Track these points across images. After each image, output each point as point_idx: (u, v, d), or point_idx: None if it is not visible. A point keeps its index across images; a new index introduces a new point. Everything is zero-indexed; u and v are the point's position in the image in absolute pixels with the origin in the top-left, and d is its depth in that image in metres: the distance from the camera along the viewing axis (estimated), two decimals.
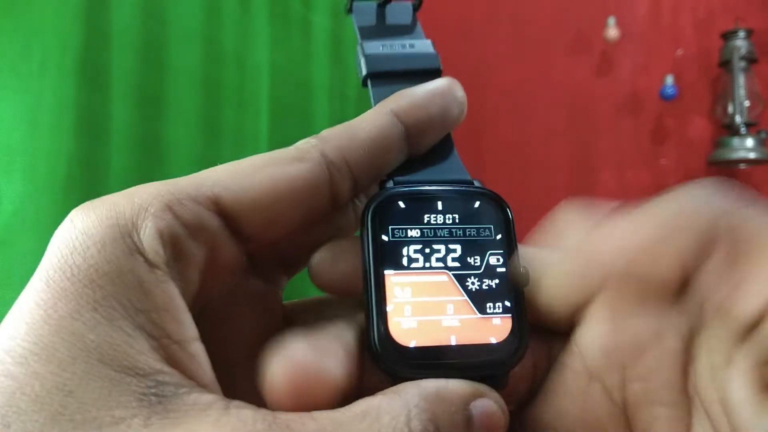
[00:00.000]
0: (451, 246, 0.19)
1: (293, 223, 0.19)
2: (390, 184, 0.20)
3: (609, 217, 0.18)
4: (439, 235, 0.19)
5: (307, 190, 0.18)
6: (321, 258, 0.19)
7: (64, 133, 0.74)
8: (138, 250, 0.16)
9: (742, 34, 1.18)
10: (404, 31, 0.25)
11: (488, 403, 0.17)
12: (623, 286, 0.18)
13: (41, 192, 0.72)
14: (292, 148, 0.19)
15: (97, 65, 0.79)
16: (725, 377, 0.16)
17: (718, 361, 0.16)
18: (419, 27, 0.25)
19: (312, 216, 0.19)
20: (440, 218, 0.19)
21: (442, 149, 0.21)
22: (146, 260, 0.16)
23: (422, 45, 0.24)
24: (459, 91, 0.21)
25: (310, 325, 0.17)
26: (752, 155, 1.15)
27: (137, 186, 0.17)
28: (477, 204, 0.20)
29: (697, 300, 0.17)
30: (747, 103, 1.17)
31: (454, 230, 0.19)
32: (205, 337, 0.18)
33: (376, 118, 0.19)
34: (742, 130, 1.16)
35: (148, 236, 0.16)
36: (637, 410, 0.18)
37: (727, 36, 1.19)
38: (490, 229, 0.19)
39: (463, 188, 0.20)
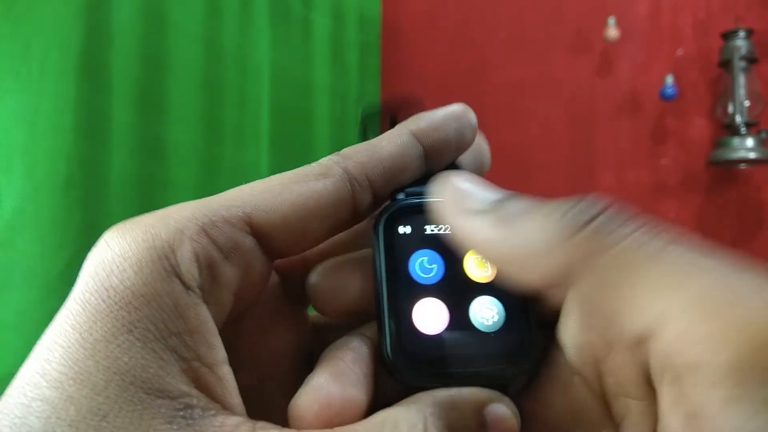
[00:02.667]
0: (462, 257, 0.19)
1: (319, 237, 0.19)
2: (401, 195, 0.20)
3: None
4: (450, 244, 0.19)
5: (332, 205, 0.19)
6: (322, 287, 0.20)
7: (64, 133, 0.74)
8: (174, 273, 0.16)
9: (742, 34, 1.18)
10: None
11: (501, 408, 0.18)
12: (590, 281, 0.19)
13: (41, 192, 0.72)
14: (315, 164, 0.20)
15: (98, 65, 0.79)
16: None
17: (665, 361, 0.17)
18: None
19: (336, 229, 0.20)
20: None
21: (450, 168, 0.22)
22: (182, 283, 0.16)
23: None
24: (472, 116, 0.22)
25: (330, 351, 0.18)
26: (752, 155, 1.14)
27: (170, 207, 0.18)
28: None
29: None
30: (747, 103, 1.17)
31: None
32: (239, 355, 0.19)
33: (397, 138, 0.20)
34: (743, 130, 1.16)
35: (184, 259, 0.16)
36: (612, 402, 0.18)
37: (728, 36, 1.19)
38: None
39: None
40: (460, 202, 0.19)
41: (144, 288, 0.16)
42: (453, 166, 0.22)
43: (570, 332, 0.19)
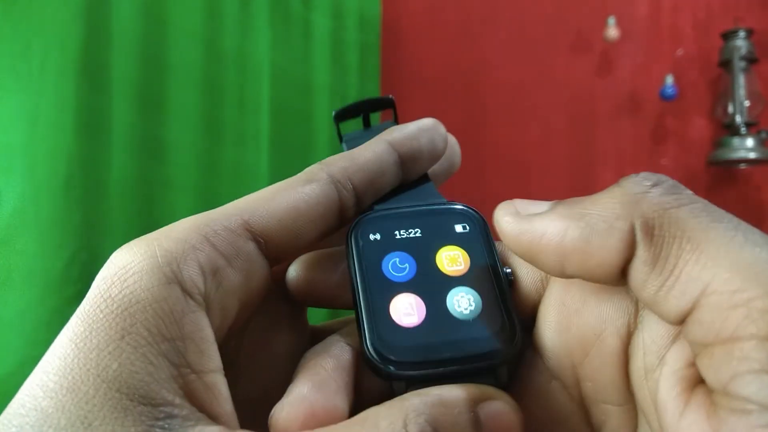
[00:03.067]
0: (434, 254, 0.20)
1: (312, 238, 0.21)
2: (373, 212, 0.22)
3: (544, 212, 0.18)
4: (421, 247, 0.21)
5: (321, 206, 0.20)
6: (297, 272, 0.21)
7: (64, 133, 0.74)
8: (176, 280, 0.17)
9: (742, 34, 1.18)
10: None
11: (497, 404, 0.17)
12: (564, 283, 0.19)
13: (41, 191, 0.72)
14: (302, 173, 0.21)
15: (98, 65, 0.79)
16: (657, 377, 0.17)
17: (651, 362, 0.17)
18: None
19: (326, 231, 0.21)
20: (420, 232, 0.21)
21: (418, 183, 0.24)
22: (183, 289, 0.17)
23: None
24: (442, 128, 0.24)
25: (310, 358, 0.19)
26: (752, 155, 1.14)
27: (173, 223, 0.19)
28: (452, 216, 0.22)
29: (632, 297, 0.18)
30: (747, 103, 1.16)
31: (434, 241, 0.21)
32: (243, 361, 0.20)
33: (374, 147, 0.22)
34: (743, 130, 1.16)
35: (187, 266, 0.17)
36: (591, 408, 0.18)
37: (727, 36, 1.19)
38: (469, 235, 0.21)
39: (438, 206, 0.22)
40: (522, 211, 0.19)
41: (142, 294, 0.16)
42: (425, 175, 0.24)
43: (548, 335, 0.19)
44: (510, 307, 0.19)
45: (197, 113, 0.93)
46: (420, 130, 0.23)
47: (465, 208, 0.22)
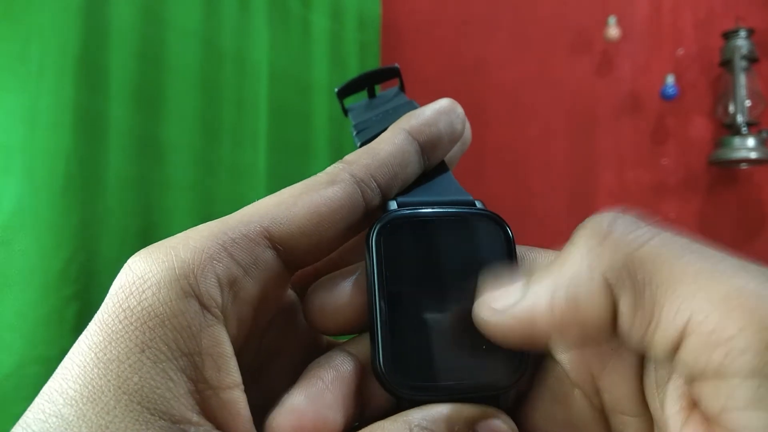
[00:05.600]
0: (455, 269, 0.19)
1: (336, 242, 0.20)
2: (393, 205, 0.21)
3: (521, 295, 0.18)
4: (442, 258, 0.19)
5: (345, 209, 0.19)
6: (315, 304, 0.20)
7: (63, 133, 0.74)
8: (193, 293, 0.17)
9: (743, 33, 1.17)
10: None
11: (496, 423, 0.18)
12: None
13: (40, 191, 0.72)
14: (322, 173, 0.20)
15: (96, 65, 0.79)
16: (664, 392, 0.17)
17: (662, 375, 0.17)
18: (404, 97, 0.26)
19: (351, 233, 0.20)
20: (443, 241, 0.20)
21: (436, 169, 0.22)
22: (200, 303, 0.17)
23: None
24: (459, 108, 0.23)
25: (311, 369, 0.19)
26: (753, 155, 1.14)
27: (192, 229, 0.18)
28: (478, 226, 0.20)
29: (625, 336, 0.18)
30: (748, 103, 1.16)
31: (457, 253, 0.20)
32: (259, 373, 0.20)
33: (393, 138, 0.21)
34: (744, 129, 1.15)
35: (204, 279, 0.17)
36: (610, 417, 0.19)
37: (728, 35, 1.19)
38: (491, 250, 0.20)
39: (465, 210, 0.20)
40: (499, 304, 0.18)
41: (161, 308, 0.16)
42: (442, 162, 0.22)
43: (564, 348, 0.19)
44: None
45: (195, 113, 0.93)
46: (438, 114, 0.22)
47: (491, 216, 0.20)
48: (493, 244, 0.20)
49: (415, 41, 1.46)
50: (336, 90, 0.25)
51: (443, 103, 0.22)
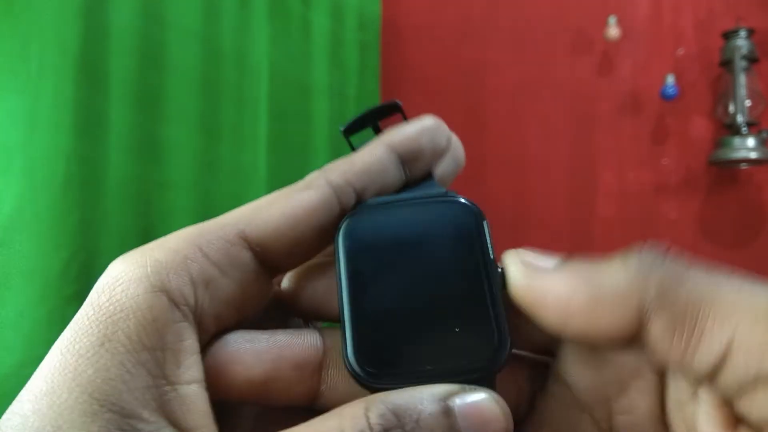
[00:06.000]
0: (424, 254, 0.19)
1: (314, 246, 0.20)
2: (362, 208, 0.21)
3: (552, 269, 0.18)
4: (411, 244, 0.19)
5: (319, 212, 0.20)
6: (293, 284, 0.21)
7: (63, 133, 0.74)
8: (164, 289, 0.17)
9: (743, 33, 1.17)
10: None
11: (475, 395, 0.16)
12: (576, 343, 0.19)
13: (40, 192, 0.72)
14: (301, 180, 0.21)
15: (96, 65, 0.78)
16: (693, 411, 0.17)
17: (684, 396, 0.17)
18: None
19: (328, 237, 0.21)
20: (411, 228, 0.20)
21: (421, 181, 0.22)
22: (170, 299, 0.17)
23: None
24: (444, 126, 0.23)
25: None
26: (753, 155, 1.14)
27: (170, 234, 0.19)
28: (447, 210, 0.20)
29: (651, 356, 0.18)
30: (748, 103, 1.16)
31: (426, 238, 0.19)
32: None
33: (372, 149, 0.22)
34: (744, 129, 1.15)
35: (177, 277, 0.17)
36: None
37: (728, 35, 1.19)
38: (463, 234, 0.20)
39: (431, 197, 0.20)
40: (530, 263, 0.18)
41: (128, 302, 0.16)
42: (429, 174, 0.22)
43: (578, 371, 0.19)
44: (499, 313, 0.18)
45: (195, 113, 0.93)
46: (421, 129, 0.22)
47: (460, 200, 0.20)
48: (463, 230, 0.20)
49: (415, 41, 1.46)
50: (341, 129, 0.25)
51: (427, 120, 0.23)
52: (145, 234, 0.83)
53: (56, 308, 0.71)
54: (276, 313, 0.22)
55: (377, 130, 0.25)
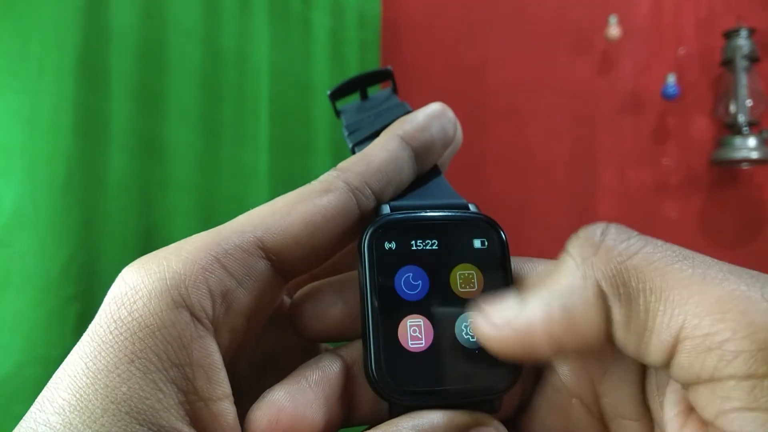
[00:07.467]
0: (448, 272, 0.19)
1: (331, 250, 0.20)
2: (386, 209, 0.20)
3: (519, 307, 0.18)
4: (436, 262, 0.19)
5: (339, 217, 0.19)
6: (301, 311, 0.20)
7: (63, 133, 0.74)
8: (184, 304, 0.17)
9: (744, 33, 1.17)
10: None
11: (487, 430, 0.18)
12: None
13: (40, 192, 0.72)
14: (316, 182, 0.20)
15: (96, 65, 0.78)
16: (663, 396, 0.17)
17: (662, 379, 0.18)
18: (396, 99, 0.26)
19: (346, 240, 0.20)
20: (437, 245, 0.20)
21: (429, 173, 0.22)
22: (191, 314, 0.17)
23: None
24: (450, 112, 0.23)
25: (300, 368, 0.19)
26: (754, 155, 1.14)
27: (186, 239, 0.18)
28: (471, 228, 0.20)
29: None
30: (749, 103, 1.16)
31: (450, 257, 0.20)
32: (254, 382, 0.20)
33: (387, 144, 0.21)
34: (745, 129, 1.15)
35: (196, 290, 0.17)
36: (610, 423, 0.19)
37: (729, 35, 1.19)
38: (484, 254, 0.20)
39: (458, 214, 0.20)
40: (498, 318, 0.18)
41: (151, 319, 0.16)
42: (435, 165, 0.23)
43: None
44: None
45: (196, 113, 0.93)
46: (430, 118, 0.22)
47: (484, 219, 0.20)
48: (486, 248, 0.20)
49: (415, 40, 1.46)
50: (328, 92, 0.25)
51: (435, 107, 0.22)
52: (146, 234, 0.83)
53: (56, 309, 0.71)
54: (272, 319, 0.22)
55: (364, 96, 0.25)
